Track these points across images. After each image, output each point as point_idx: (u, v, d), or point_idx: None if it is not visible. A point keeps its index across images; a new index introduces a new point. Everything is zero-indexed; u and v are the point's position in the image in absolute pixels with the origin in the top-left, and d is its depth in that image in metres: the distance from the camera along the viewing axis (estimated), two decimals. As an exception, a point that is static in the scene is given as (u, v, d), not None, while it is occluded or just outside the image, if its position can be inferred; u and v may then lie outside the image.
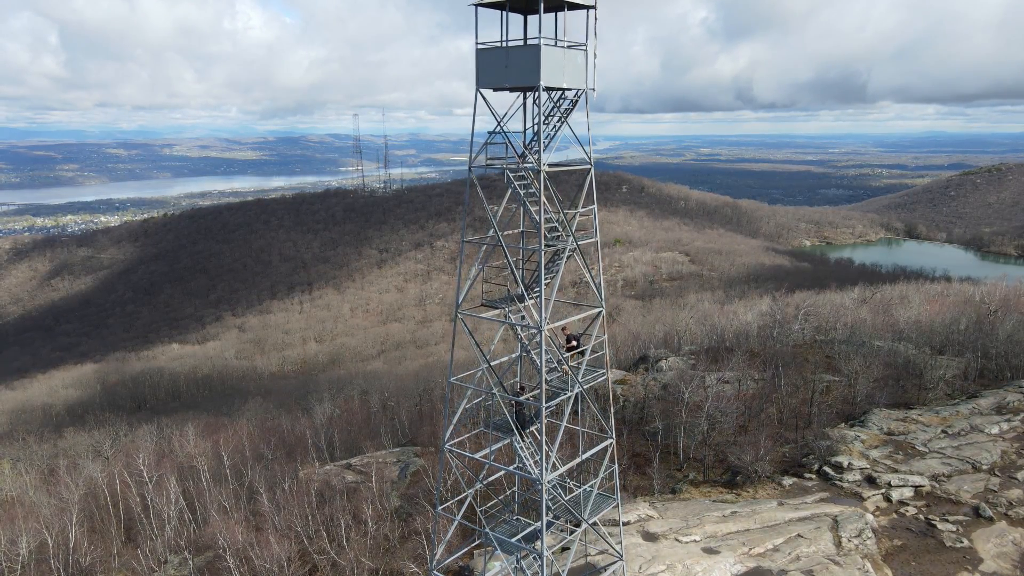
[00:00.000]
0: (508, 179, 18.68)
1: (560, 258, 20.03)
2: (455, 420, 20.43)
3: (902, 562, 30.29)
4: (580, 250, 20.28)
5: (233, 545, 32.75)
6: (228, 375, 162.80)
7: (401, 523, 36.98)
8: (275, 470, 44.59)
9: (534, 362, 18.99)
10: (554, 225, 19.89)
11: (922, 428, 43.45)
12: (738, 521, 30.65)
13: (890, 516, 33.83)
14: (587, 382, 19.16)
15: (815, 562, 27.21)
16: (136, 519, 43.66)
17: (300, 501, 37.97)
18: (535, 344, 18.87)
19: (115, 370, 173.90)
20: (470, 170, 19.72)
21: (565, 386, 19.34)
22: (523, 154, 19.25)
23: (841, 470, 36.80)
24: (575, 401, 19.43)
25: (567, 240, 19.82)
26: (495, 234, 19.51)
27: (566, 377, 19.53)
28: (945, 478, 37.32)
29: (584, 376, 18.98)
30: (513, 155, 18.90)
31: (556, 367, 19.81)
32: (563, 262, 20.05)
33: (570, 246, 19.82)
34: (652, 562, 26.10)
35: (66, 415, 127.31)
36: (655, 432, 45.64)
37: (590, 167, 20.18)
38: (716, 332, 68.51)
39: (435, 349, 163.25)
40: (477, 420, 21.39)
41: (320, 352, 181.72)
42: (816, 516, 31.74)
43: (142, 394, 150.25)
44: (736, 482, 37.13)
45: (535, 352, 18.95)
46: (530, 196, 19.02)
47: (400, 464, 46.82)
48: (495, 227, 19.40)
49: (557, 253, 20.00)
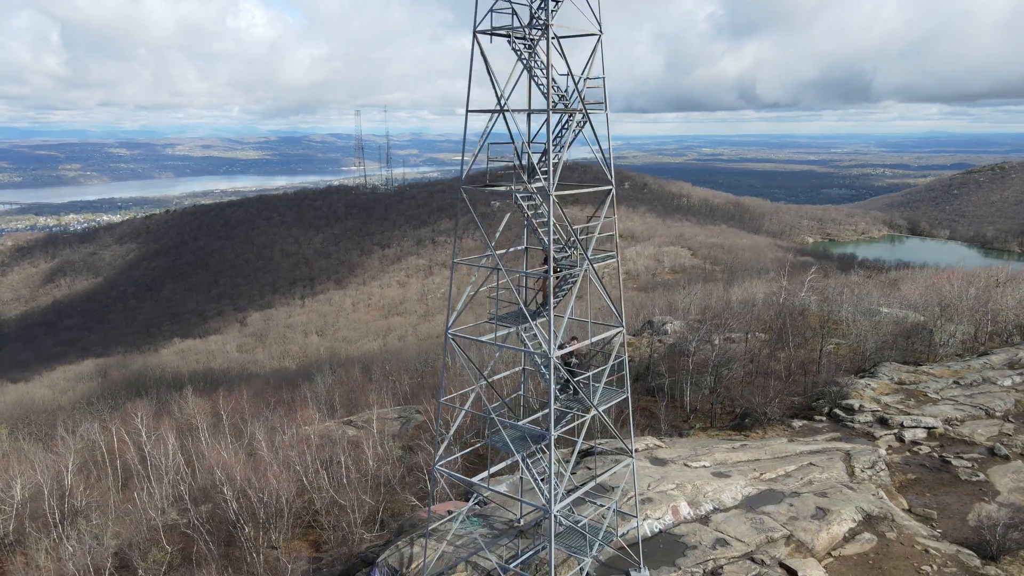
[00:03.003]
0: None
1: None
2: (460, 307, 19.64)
3: (917, 493, 29.47)
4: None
5: (231, 480, 32.04)
6: (230, 367, 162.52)
7: (403, 466, 36.27)
8: (275, 423, 43.90)
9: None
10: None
11: (934, 379, 42.62)
12: (748, 452, 29.89)
13: (903, 454, 33.02)
14: (596, 260, 18.42)
15: (828, 486, 26.43)
16: (133, 472, 42.97)
17: (299, 446, 37.28)
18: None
19: (117, 363, 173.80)
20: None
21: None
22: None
23: (852, 412, 36.02)
24: (582, 283, 18.60)
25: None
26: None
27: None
28: (958, 422, 36.51)
29: (593, 256, 18.24)
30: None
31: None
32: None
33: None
34: (661, 481, 25.34)
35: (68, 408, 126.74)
36: (661, 386, 44.90)
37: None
38: (721, 300, 67.74)
39: (438, 341, 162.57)
40: (484, 311, 20.53)
41: (321, 345, 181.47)
42: (828, 450, 30.97)
43: (144, 386, 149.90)
44: (745, 424, 36.39)
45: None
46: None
47: (402, 420, 46.14)
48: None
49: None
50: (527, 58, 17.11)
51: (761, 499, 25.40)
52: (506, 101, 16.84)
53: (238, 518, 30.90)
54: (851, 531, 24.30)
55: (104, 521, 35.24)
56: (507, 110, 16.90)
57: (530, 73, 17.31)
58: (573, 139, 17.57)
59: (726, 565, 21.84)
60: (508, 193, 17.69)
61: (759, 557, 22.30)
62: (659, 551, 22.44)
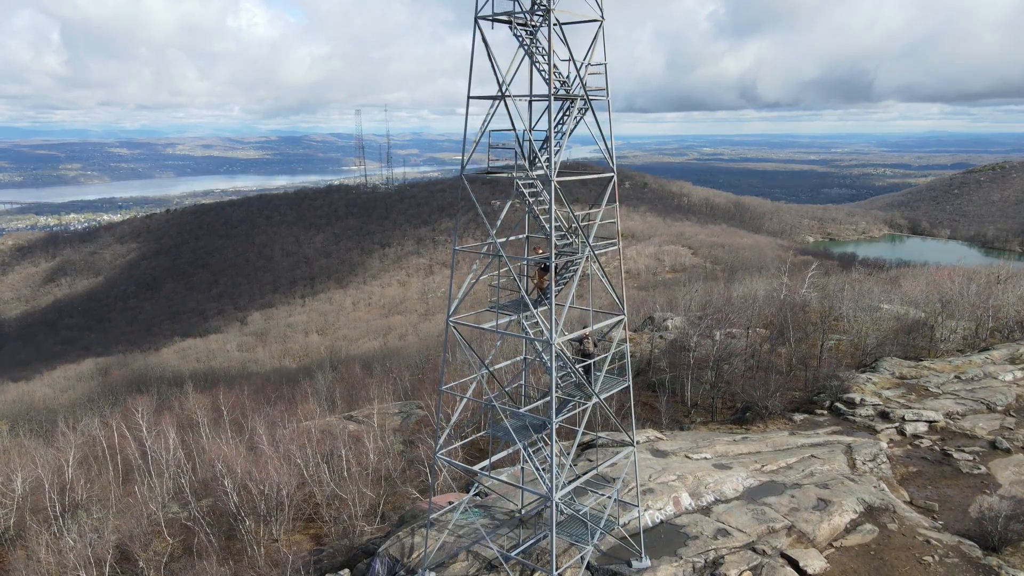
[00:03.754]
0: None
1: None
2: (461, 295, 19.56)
3: (918, 485, 29.45)
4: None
5: (231, 473, 32.00)
6: (230, 366, 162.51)
7: (403, 461, 36.24)
8: (275, 417, 43.86)
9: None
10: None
11: (935, 374, 42.60)
12: (749, 445, 29.86)
13: (904, 447, 33.01)
14: (597, 248, 18.38)
15: (830, 478, 26.37)
16: (134, 467, 42.94)
17: (300, 440, 37.25)
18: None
19: (117, 362, 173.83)
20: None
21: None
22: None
23: (853, 405, 35.99)
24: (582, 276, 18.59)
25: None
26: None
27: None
28: (959, 416, 36.48)
29: (595, 243, 18.21)
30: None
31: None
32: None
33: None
34: (662, 472, 25.30)
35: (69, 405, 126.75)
36: (662, 381, 44.86)
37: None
38: (722, 297, 67.67)
39: (439, 340, 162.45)
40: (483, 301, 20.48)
41: (322, 344, 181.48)
42: (829, 443, 30.94)
43: (145, 384, 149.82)
44: (746, 418, 36.34)
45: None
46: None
47: (403, 414, 46.10)
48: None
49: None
50: (528, 44, 17.09)
51: (762, 490, 25.36)
52: (507, 87, 16.81)
53: (239, 511, 30.88)
54: (852, 522, 24.24)
55: (105, 514, 35.22)
56: (509, 96, 16.87)
57: (531, 59, 17.29)
58: (575, 126, 17.53)
59: (727, 555, 21.79)
60: (509, 180, 17.62)
61: (760, 547, 22.25)
62: (660, 541, 22.41)
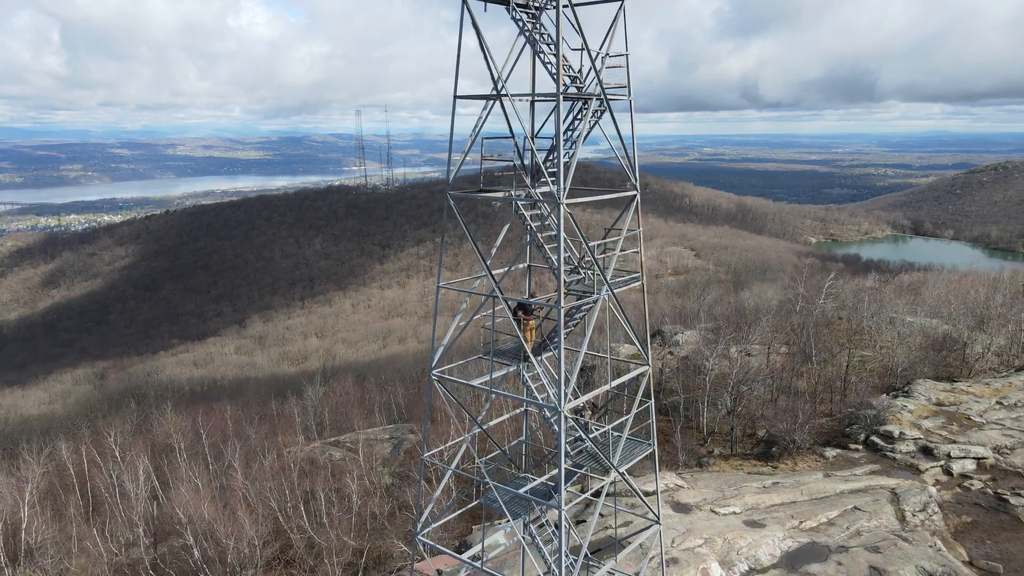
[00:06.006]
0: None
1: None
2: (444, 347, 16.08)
3: (976, 540, 25.88)
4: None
5: (198, 520, 28.48)
6: (227, 370, 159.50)
7: (391, 500, 32.68)
8: (255, 447, 40.35)
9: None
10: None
11: (974, 399, 39.01)
12: (782, 493, 26.29)
13: (953, 490, 29.42)
14: (617, 285, 14.84)
15: (880, 538, 22.83)
16: (101, 499, 39.45)
17: (278, 477, 33.70)
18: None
19: (113, 366, 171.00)
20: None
21: (587, 291, 14.60)
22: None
23: (892, 440, 32.40)
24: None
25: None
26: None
27: (589, 282, 14.77)
28: (1008, 450, 32.89)
29: (613, 279, 14.66)
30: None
31: (576, 270, 14.97)
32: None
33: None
34: (687, 535, 21.76)
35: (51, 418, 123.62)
36: (675, 405, 41.27)
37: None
38: (733, 308, 64.03)
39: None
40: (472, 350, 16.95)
41: (320, 347, 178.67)
42: (871, 488, 27.36)
43: (139, 390, 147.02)
44: (772, 454, 32.75)
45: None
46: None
47: (393, 441, 42.57)
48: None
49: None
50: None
51: (803, 555, 21.84)
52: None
53: (203, 564, 27.36)
54: (910, 594, 20.78)
55: (59, 557, 31.79)
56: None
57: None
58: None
59: (768, 643, 18.32)
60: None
61: (806, 631, 18.78)
62: (687, 624, 18.93)
